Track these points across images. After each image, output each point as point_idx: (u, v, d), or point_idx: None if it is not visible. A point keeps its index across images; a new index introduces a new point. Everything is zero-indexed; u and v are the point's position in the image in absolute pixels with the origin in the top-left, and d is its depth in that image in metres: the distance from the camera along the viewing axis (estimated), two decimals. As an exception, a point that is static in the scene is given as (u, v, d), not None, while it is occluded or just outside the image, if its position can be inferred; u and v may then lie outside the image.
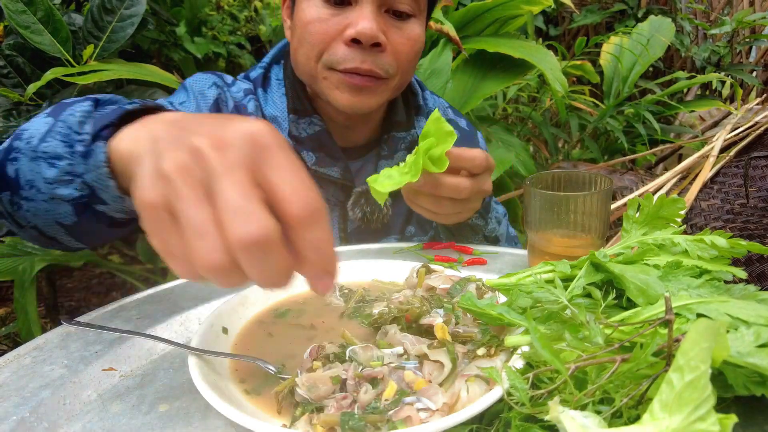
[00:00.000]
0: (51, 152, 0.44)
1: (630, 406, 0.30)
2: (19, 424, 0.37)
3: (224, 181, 0.28)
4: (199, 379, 0.36)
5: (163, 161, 0.29)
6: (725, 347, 0.27)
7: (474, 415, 0.32)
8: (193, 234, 0.28)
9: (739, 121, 1.33)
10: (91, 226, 0.48)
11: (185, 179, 0.28)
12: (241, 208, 0.27)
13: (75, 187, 0.44)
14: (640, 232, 0.48)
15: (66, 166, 0.44)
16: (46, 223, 0.48)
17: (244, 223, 0.27)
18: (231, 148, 0.29)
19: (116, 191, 0.43)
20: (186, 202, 0.28)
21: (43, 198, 0.46)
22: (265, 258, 0.28)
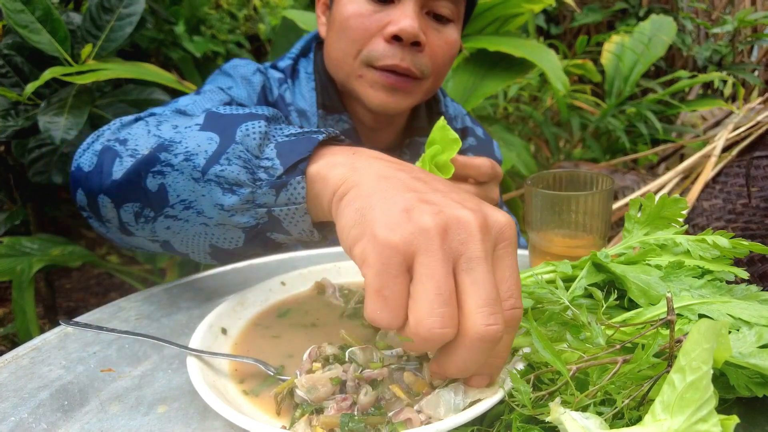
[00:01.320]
0: (229, 178, 0.39)
1: (631, 407, 0.30)
2: (17, 425, 0.37)
3: (482, 266, 0.28)
4: (198, 380, 0.36)
5: (423, 213, 0.29)
6: (727, 348, 0.27)
7: (475, 417, 0.31)
8: (437, 300, 0.28)
9: (741, 121, 1.33)
10: (252, 249, 0.44)
11: (443, 242, 0.28)
12: (493, 304, 0.28)
13: (253, 215, 0.40)
14: (642, 232, 0.47)
15: (248, 194, 0.39)
16: (189, 242, 0.44)
17: (493, 319, 0.28)
18: (490, 233, 0.30)
19: (311, 227, 0.40)
20: (440, 263, 0.28)
21: (205, 221, 0.42)
22: (486, 351, 0.29)
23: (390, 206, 0.30)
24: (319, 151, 0.39)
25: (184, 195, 0.42)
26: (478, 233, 0.29)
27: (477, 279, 0.28)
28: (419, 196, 0.30)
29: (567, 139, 2.24)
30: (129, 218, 0.46)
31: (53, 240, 1.19)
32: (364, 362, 0.38)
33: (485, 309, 0.28)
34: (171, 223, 0.44)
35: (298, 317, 0.48)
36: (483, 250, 0.29)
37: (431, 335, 0.28)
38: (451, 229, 0.29)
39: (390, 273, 0.28)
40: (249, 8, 2.19)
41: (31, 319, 1.06)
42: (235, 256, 0.47)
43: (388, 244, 0.28)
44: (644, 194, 1.19)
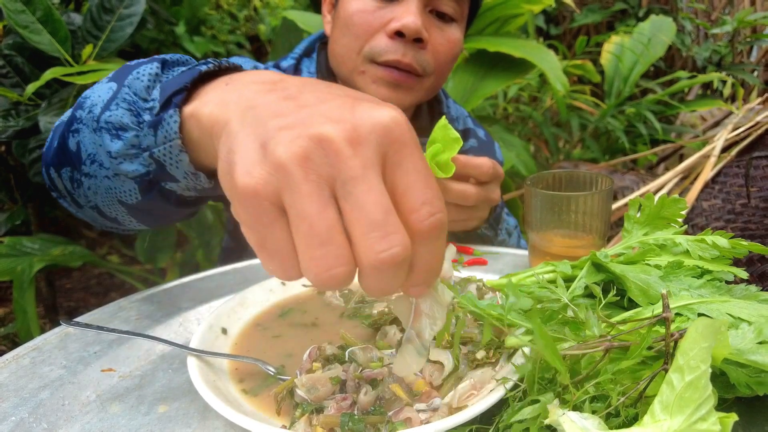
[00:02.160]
0: (115, 122, 0.38)
1: (627, 405, 0.30)
2: (18, 424, 0.37)
3: (361, 186, 0.24)
4: (198, 380, 0.36)
5: (277, 145, 0.24)
6: (726, 345, 0.27)
7: (474, 416, 0.32)
8: (315, 240, 0.24)
9: (741, 121, 1.33)
10: (156, 205, 0.43)
11: (307, 172, 0.24)
12: (382, 224, 0.24)
13: (141, 162, 0.39)
14: (642, 233, 0.47)
15: (132, 138, 0.38)
16: (106, 202, 0.44)
17: (385, 242, 0.24)
18: (366, 144, 0.24)
19: (189, 166, 0.37)
20: (308, 199, 0.23)
21: (106, 174, 0.41)
22: (394, 275, 0.25)
23: (248, 145, 0.25)
24: (203, 88, 0.36)
25: (90, 148, 0.42)
26: (347, 148, 0.24)
27: (356, 202, 0.24)
28: (280, 123, 0.25)
29: (566, 139, 2.24)
30: (69, 185, 0.47)
31: (54, 240, 1.19)
32: (364, 362, 0.38)
33: (374, 234, 0.24)
34: (89, 183, 0.44)
35: (298, 317, 0.48)
36: (359, 165, 0.24)
37: (322, 281, 0.24)
38: (313, 155, 0.24)
39: (262, 224, 0.25)
40: (249, 9, 2.19)
41: (31, 319, 1.06)
42: (159, 215, 0.46)
43: (248, 193, 0.24)
44: (643, 194, 1.19)
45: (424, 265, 0.26)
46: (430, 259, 0.26)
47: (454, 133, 0.49)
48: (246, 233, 0.26)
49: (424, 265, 0.26)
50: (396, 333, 0.42)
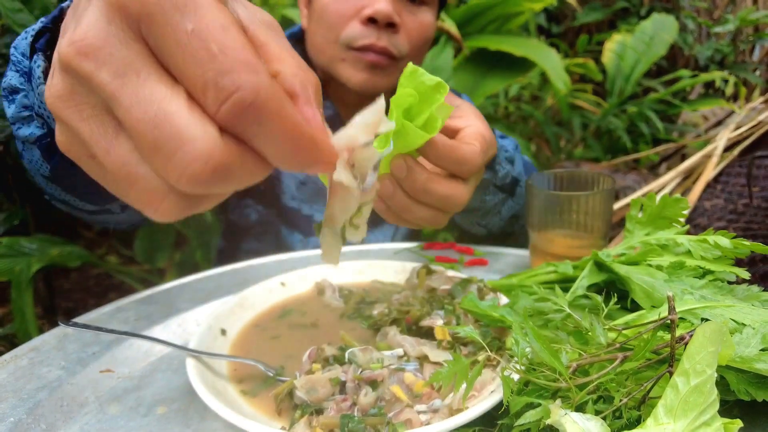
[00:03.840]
0: (7, 86, 0.37)
1: (630, 407, 0.29)
2: (16, 425, 0.37)
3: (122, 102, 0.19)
4: (197, 381, 0.35)
5: (46, 93, 0.21)
6: (730, 346, 0.27)
7: (475, 417, 0.31)
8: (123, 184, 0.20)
9: (743, 120, 1.32)
10: (71, 175, 0.40)
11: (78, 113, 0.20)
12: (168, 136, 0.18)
13: (36, 125, 0.37)
14: (643, 232, 0.47)
15: (21, 98, 0.36)
16: (39, 181, 0.42)
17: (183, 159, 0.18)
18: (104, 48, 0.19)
19: None
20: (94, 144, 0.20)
21: (20, 146, 0.39)
22: (230, 180, 0.19)
23: None
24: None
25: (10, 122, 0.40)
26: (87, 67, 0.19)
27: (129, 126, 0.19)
28: None
29: (568, 138, 2.24)
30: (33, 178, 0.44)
31: (52, 240, 1.19)
32: (364, 363, 0.38)
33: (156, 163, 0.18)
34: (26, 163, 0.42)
35: (297, 318, 0.48)
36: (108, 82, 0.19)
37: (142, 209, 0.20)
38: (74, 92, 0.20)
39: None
40: (249, 8, 2.19)
41: (29, 320, 1.06)
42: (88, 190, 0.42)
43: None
44: (645, 194, 1.18)
45: (279, 153, 0.20)
46: (280, 140, 0.19)
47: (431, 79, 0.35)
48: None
49: (279, 153, 0.20)
50: (396, 334, 0.41)
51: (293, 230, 0.77)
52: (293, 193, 0.77)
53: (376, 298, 0.50)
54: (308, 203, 0.77)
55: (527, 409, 0.29)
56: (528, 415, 0.29)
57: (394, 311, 0.45)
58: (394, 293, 0.49)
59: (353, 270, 0.55)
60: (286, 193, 0.77)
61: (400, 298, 0.47)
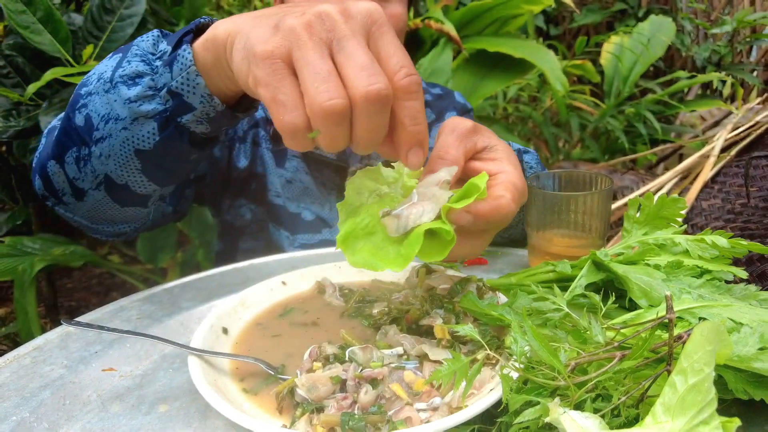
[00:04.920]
0: (131, 73, 0.44)
1: (629, 405, 0.30)
2: (19, 424, 0.37)
3: (351, 42, 0.31)
4: (199, 380, 0.36)
5: (287, 19, 0.32)
6: (728, 345, 0.27)
7: (474, 415, 0.32)
8: (319, 78, 0.30)
9: (740, 121, 1.33)
10: (172, 146, 0.47)
11: (311, 34, 0.31)
12: (369, 66, 0.31)
13: (159, 101, 0.44)
14: (641, 232, 0.47)
15: (148, 81, 0.43)
16: (120, 161, 0.48)
17: (373, 78, 0.31)
18: (354, 18, 0.33)
19: (206, 89, 0.42)
20: (311, 50, 0.31)
21: (123, 125, 0.45)
22: (379, 113, 0.31)
23: (261, 29, 0.33)
24: (215, 24, 0.41)
25: (103, 110, 0.46)
26: (340, 18, 0.32)
27: (349, 52, 0.31)
28: (285, 12, 0.34)
29: (566, 139, 2.24)
30: (73, 171, 0.50)
31: (55, 240, 1.19)
32: (364, 361, 0.38)
33: (362, 72, 0.31)
34: (101, 148, 0.47)
35: (298, 317, 0.49)
36: (349, 29, 0.32)
37: (324, 110, 0.30)
38: (314, 23, 0.32)
39: (276, 78, 0.32)
40: (249, 9, 2.19)
41: (32, 319, 1.06)
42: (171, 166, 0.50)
43: (265, 55, 0.32)
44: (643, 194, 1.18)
45: (411, 119, 0.33)
46: (415, 113, 0.33)
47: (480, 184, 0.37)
48: (262, 92, 0.32)
49: (411, 119, 0.33)
50: (396, 333, 0.42)
51: (279, 227, 0.78)
52: (278, 191, 0.77)
53: (376, 297, 0.50)
54: (295, 201, 0.77)
55: (526, 407, 0.30)
56: (527, 413, 0.29)
57: (394, 310, 0.45)
58: (394, 292, 0.50)
59: (354, 269, 0.56)
60: (271, 190, 0.77)
61: (399, 297, 0.48)
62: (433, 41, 1.55)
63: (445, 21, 1.44)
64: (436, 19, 1.43)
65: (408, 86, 0.32)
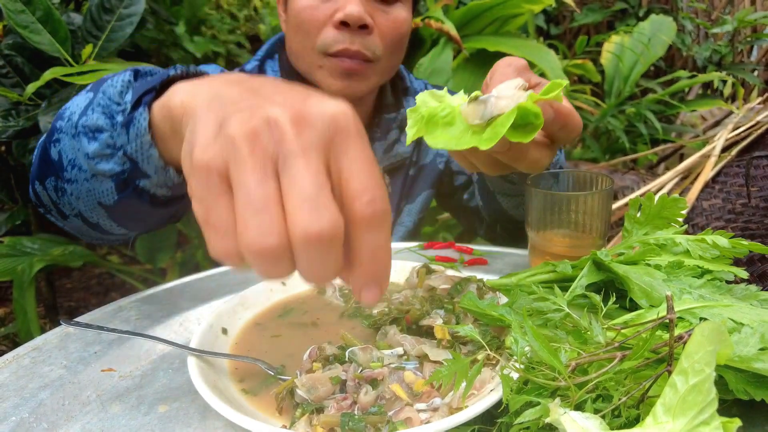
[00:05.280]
0: (91, 125, 0.42)
1: (629, 406, 0.30)
2: (18, 424, 0.37)
3: (299, 162, 0.25)
4: (198, 380, 0.36)
5: (231, 123, 0.26)
6: (729, 345, 0.27)
7: (474, 416, 0.31)
8: (251, 208, 0.25)
9: (741, 121, 1.33)
10: (133, 205, 0.45)
11: (253, 147, 0.25)
12: (314, 198, 0.25)
13: (116, 161, 0.41)
14: (642, 232, 0.47)
15: (107, 138, 0.41)
16: (88, 206, 0.47)
17: (314, 215, 0.24)
18: (311, 127, 0.26)
19: (159, 161, 0.40)
20: (250, 171, 0.25)
21: (85, 176, 0.44)
22: (324, 254, 0.25)
23: (207, 125, 0.27)
24: (172, 87, 0.37)
25: (70, 154, 0.44)
26: (291, 128, 0.26)
27: (294, 175, 0.25)
28: (237, 106, 0.27)
29: (567, 139, 2.24)
30: (54, 195, 0.49)
31: (54, 240, 1.19)
32: (364, 362, 0.38)
33: (304, 205, 0.24)
34: (71, 188, 0.46)
35: (298, 317, 0.48)
36: (300, 144, 0.25)
37: (254, 252, 0.25)
38: (261, 132, 0.25)
39: (210, 195, 0.26)
40: (249, 8, 2.19)
41: (31, 319, 1.06)
42: (137, 219, 0.49)
43: (201, 166, 0.26)
44: (644, 194, 1.19)
45: (370, 257, 0.26)
46: (375, 250, 0.26)
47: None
48: (195, 208, 0.27)
49: (370, 257, 0.26)
50: (396, 333, 0.42)
51: None
52: None
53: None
54: None
55: (526, 407, 0.30)
56: (527, 414, 0.29)
57: (394, 310, 0.45)
58: (394, 292, 0.50)
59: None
60: None
61: (399, 298, 0.47)
62: (433, 41, 1.55)
63: (445, 20, 1.43)
64: (436, 19, 1.42)
65: (370, 217, 0.26)
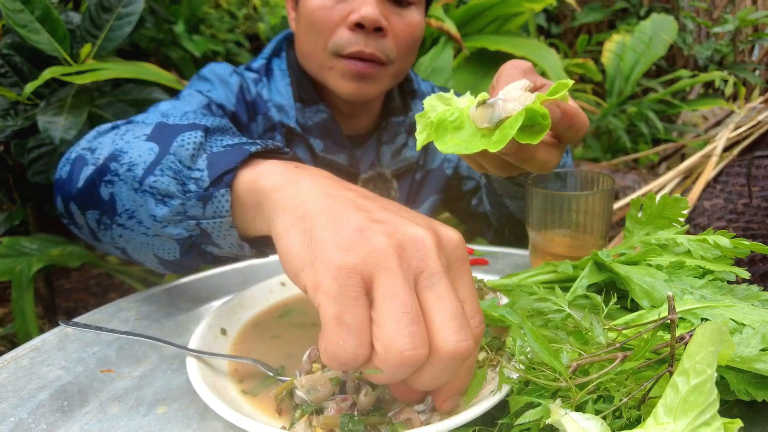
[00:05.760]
0: (161, 189, 0.39)
1: (630, 407, 0.29)
2: (17, 425, 0.37)
3: (443, 281, 0.27)
4: (197, 381, 0.35)
5: (379, 234, 0.28)
6: (730, 345, 0.27)
7: (474, 417, 0.31)
8: (404, 318, 0.26)
9: (742, 120, 1.33)
10: (192, 262, 0.44)
11: (401, 260, 0.27)
12: (460, 317, 0.27)
13: (185, 227, 0.39)
14: (643, 232, 0.47)
15: (178, 206, 0.39)
16: (138, 251, 0.45)
17: (462, 333, 0.27)
18: (445, 251, 0.29)
19: (238, 240, 0.39)
20: (402, 282, 0.26)
21: (144, 232, 0.42)
22: (452, 372, 0.28)
23: (342, 226, 0.28)
24: (255, 162, 0.37)
25: (128, 204, 0.42)
26: (434, 249, 0.28)
27: (441, 294, 0.27)
28: (370, 216, 0.29)
29: (567, 138, 2.24)
30: (93, 224, 0.47)
31: (52, 240, 1.19)
32: (364, 363, 0.38)
33: (454, 324, 0.27)
34: (122, 232, 0.44)
35: (297, 317, 0.48)
36: (442, 266, 0.28)
37: (403, 359, 0.26)
38: (408, 247, 0.28)
39: (349, 297, 0.26)
40: (248, 7, 2.19)
41: (30, 320, 1.06)
42: (187, 267, 0.47)
43: (345, 266, 0.27)
44: (645, 194, 1.18)
45: (464, 371, 0.31)
46: (471, 365, 0.31)
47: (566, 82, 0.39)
48: (325, 304, 0.27)
49: (464, 371, 0.31)
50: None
51: None
52: None
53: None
54: None
55: (527, 408, 0.30)
56: (528, 415, 0.29)
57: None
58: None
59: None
60: None
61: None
62: (434, 39, 1.55)
63: (446, 19, 1.43)
64: (436, 18, 1.42)
65: (477, 338, 0.29)
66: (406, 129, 0.81)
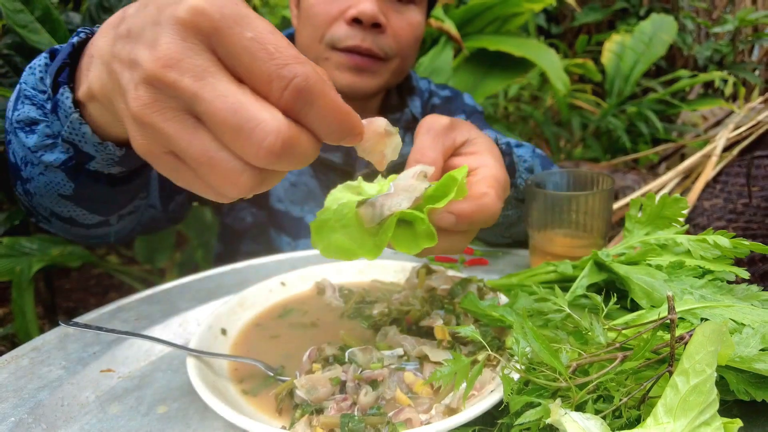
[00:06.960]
0: (24, 119, 0.40)
1: (630, 406, 0.29)
2: (17, 425, 0.37)
3: (204, 98, 0.24)
4: (197, 381, 0.35)
5: (129, 105, 0.25)
6: (730, 345, 0.27)
7: (474, 417, 0.31)
8: (205, 169, 0.25)
9: (742, 120, 1.33)
10: (93, 190, 0.43)
11: (162, 116, 0.25)
12: (238, 123, 0.23)
13: (60, 150, 0.39)
14: (643, 232, 0.47)
15: (44, 128, 0.39)
16: (52, 201, 0.45)
17: (258, 136, 0.23)
18: (184, 60, 0.24)
19: (93, 137, 0.37)
20: (178, 140, 0.25)
21: (39, 171, 0.42)
22: (294, 155, 0.24)
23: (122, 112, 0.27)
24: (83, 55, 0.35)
25: (20, 152, 0.42)
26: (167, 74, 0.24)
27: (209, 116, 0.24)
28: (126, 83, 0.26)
29: (567, 138, 2.24)
30: (26, 200, 0.48)
31: (53, 240, 1.19)
32: (364, 363, 0.38)
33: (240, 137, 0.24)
34: (33, 187, 0.45)
35: (297, 317, 0.48)
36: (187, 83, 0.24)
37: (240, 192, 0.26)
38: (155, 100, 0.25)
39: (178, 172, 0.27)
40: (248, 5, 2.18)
41: (30, 320, 1.06)
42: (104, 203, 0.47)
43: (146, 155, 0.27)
44: (645, 194, 1.18)
45: (326, 127, 0.25)
46: (326, 117, 0.25)
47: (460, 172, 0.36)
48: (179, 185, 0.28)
49: (326, 127, 0.25)
50: (396, 333, 0.41)
51: (281, 233, 0.76)
52: (280, 196, 0.76)
53: (376, 298, 0.50)
54: (299, 205, 0.76)
55: (527, 408, 0.30)
56: (528, 415, 0.29)
57: (394, 311, 0.45)
58: (394, 293, 0.49)
59: (353, 270, 0.56)
60: (273, 195, 0.76)
61: (400, 298, 0.47)
62: (434, 40, 1.55)
63: (446, 19, 1.43)
64: (436, 18, 1.42)
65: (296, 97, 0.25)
66: (402, 126, 0.81)
